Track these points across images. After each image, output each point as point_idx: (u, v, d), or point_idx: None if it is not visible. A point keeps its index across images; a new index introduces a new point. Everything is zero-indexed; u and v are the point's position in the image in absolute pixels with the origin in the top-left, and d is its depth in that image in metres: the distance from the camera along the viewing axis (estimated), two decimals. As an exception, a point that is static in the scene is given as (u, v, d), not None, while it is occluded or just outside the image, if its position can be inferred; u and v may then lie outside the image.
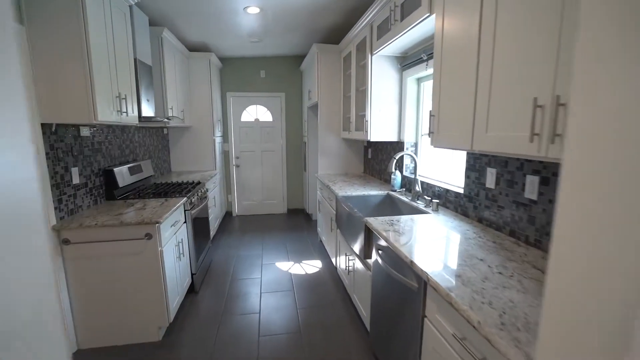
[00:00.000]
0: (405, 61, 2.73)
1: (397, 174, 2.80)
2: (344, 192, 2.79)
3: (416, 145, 2.87)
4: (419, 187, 2.42)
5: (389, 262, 1.64)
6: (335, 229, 2.97)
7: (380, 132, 2.92)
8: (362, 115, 3.17)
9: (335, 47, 3.74)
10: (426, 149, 2.78)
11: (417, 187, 2.41)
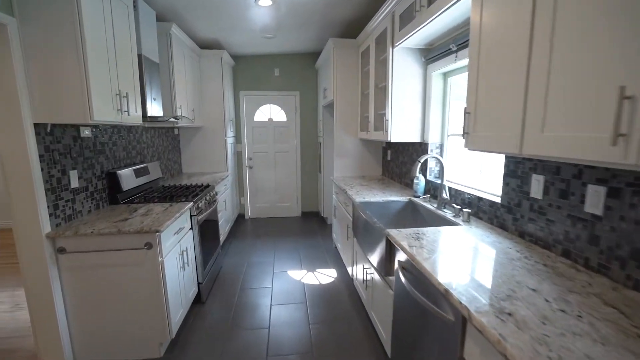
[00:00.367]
0: (430, 54, 2.47)
1: (421, 178, 2.54)
2: (362, 197, 2.56)
3: (442, 146, 2.60)
4: (447, 193, 2.16)
5: (416, 284, 1.40)
6: (351, 238, 2.74)
7: (401, 132, 2.67)
8: (382, 114, 2.93)
9: (352, 41, 3.50)
10: (454, 151, 2.52)
11: (444, 193, 2.16)
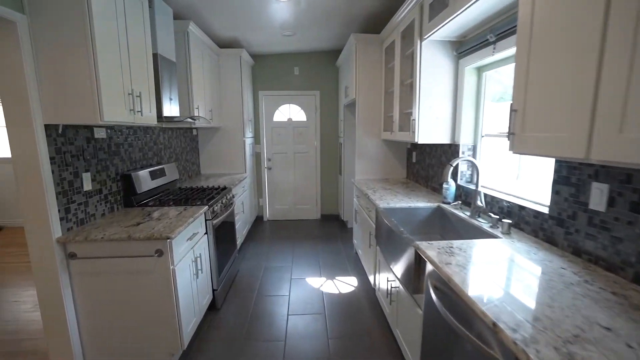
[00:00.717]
0: (462, 47, 2.25)
1: (451, 182, 2.32)
2: (386, 202, 2.38)
3: (474, 148, 2.38)
4: (482, 201, 1.95)
5: (451, 307, 1.21)
6: (374, 245, 2.56)
7: (429, 133, 2.46)
8: (408, 113, 2.73)
9: (375, 36, 3.31)
10: (488, 153, 2.29)
11: (478, 200, 1.94)
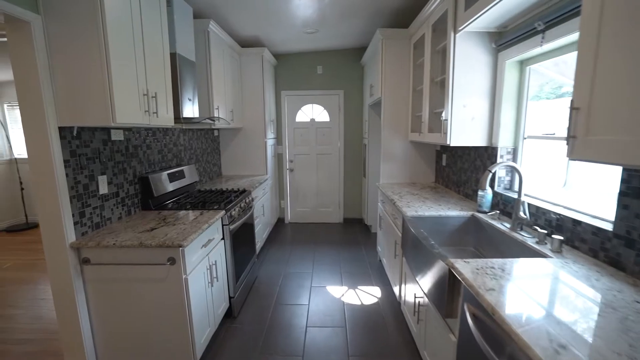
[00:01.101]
0: (503, 38, 2.02)
1: (488, 189, 2.09)
2: (413, 210, 2.18)
3: (514, 151, 2.13)
4: (525, 211, 1.71)
5: (495, 345, 1.02)
6: (400, 256, 2.37)
7: (463, 134, 2.24)
8: (438, 113, 2.51)
9: (403, 31, 3.11)
10: (530, 157, 2.04)
11: (522, 211, 1.71)
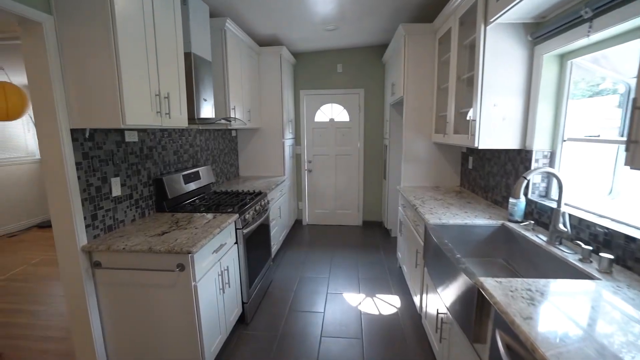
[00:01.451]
0: (540, 29, 1.82)
1: (521, 197, 1.91)
2: (437, 217, 2.03)
3: (551, 155, 1.93)
4: (567, 224, 1.53)
5: (532, 383, 0.88)
6: (421, 266, 2.22)
7: (493, 136, 2.06)
8: (464, 113, 2.33)
9: (427, 26, 2.93)
10: (570, 161, 1.84)
11: (561, 223, 1.53)
